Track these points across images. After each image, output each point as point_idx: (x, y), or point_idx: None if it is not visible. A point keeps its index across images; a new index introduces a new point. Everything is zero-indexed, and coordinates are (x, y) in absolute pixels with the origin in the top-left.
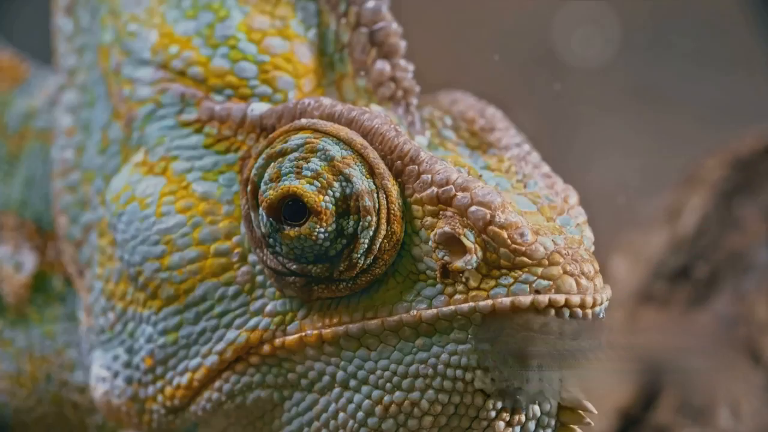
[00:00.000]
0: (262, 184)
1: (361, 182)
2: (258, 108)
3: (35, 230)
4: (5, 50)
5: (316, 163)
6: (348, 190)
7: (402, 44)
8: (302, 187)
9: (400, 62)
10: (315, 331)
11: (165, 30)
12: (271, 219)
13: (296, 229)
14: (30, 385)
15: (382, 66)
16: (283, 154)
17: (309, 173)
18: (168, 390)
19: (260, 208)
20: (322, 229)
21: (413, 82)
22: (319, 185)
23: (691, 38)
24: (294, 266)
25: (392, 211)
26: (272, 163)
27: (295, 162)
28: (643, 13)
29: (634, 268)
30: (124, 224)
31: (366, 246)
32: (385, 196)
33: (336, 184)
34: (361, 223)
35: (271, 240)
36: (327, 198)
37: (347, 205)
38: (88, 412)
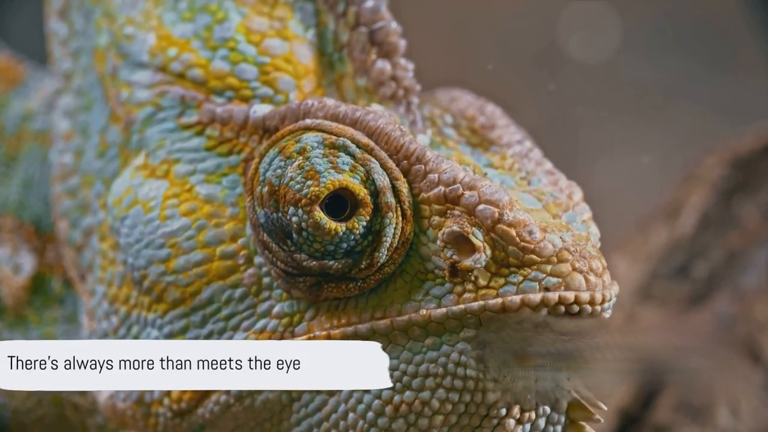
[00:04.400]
0: (292, 183)
1: (383, 178)
2: (260, 109)
3: (34, 232)
4: (3, 52)
5: (346, 158)
6: (373, 187)
7: (402, 43)
8: (350, 180)
9: (400, 61)
10: (323, 332)
11: (162, 33)
12: (310, 215)
13: (342, 223)
14: None
15: (383, 65)
16: (302, 152)
17: (347, 167)
18: (174, 393)
19: (284, 207)
20: (364, 222)
21: (414, 81)
22: (359, 179)
23: (691, 38)
24: (313, 263)
25: (403, 209)
26: (294, 162)
27: (325, 158)
28: (643, 13)
29: (633, 266)
30: (127, 228)
31: (387, 243)
32: (396, 194)
33: (369, 178)
34: (383, 219)
35: (296, 237)
36: (368, 191)
37: (377, 201)
38: (89, 413)
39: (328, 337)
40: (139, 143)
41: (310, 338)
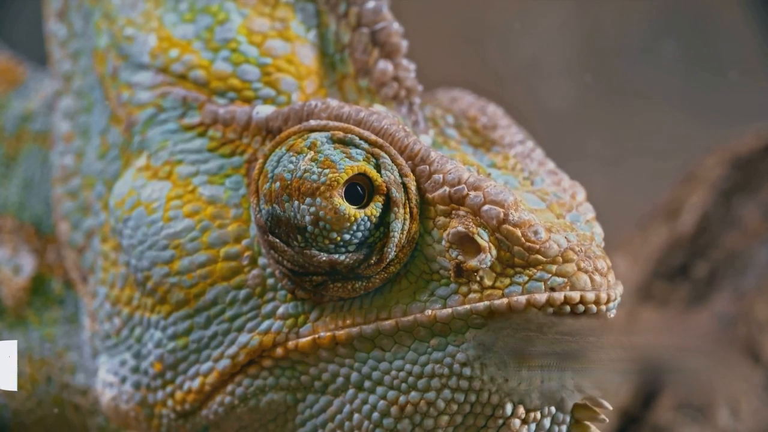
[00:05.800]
0: (307, 174)
1: (392, 172)
2: (263, 110)
3: (34, 233)
4: (3, 53)
5: (357, 150)
6: (382, 179)
7: (403, 44)
8: (367, 166)
9: (402, 62)
10: (328, 333)
11: (163, 34)
12: (329, 201)
13: (361, 210)
14: (29, 387)
15: (385, 66)
16: (312, 147)
17: (361, 157)
18: (178, 395)
19: (299, 199)
20: (381, 208)
21: (415, 82)
22: (373, 167)
23: (690, 38)
24: (323, 258)
25: (411, 207)
26: (306, 156)
27: (338, 150)
28: (643, 13)
29: (633, 266)
30: (130, 229)
31: (396, 239)
32: (405, 190)
33: (380, 171)
34: (392, 213)
35: (311, 229)
36: (384, 178)
37: (388, 194)
38: (90, 414)
39: (333, 338)
40: (140, 144)
41: (314, 339)
